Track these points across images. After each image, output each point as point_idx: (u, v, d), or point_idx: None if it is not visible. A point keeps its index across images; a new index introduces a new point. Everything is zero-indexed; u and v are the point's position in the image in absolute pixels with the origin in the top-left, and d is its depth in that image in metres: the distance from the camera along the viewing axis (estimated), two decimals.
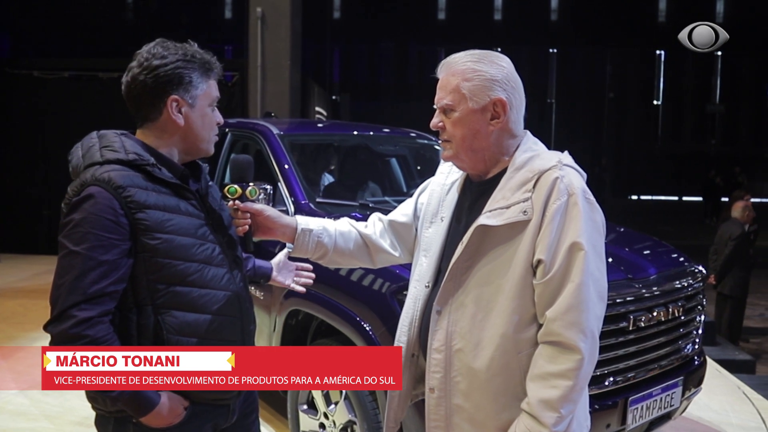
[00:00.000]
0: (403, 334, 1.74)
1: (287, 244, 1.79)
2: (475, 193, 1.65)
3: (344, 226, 1.85)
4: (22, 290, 6.76)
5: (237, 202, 1.66)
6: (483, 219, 1.53)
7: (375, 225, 1.87)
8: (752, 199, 7.56)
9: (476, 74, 1.56)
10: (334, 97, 17.79)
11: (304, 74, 9.23)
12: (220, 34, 19.76)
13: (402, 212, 1.87)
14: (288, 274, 2.04)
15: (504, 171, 1.59)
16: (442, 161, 1.76)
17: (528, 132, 1.65)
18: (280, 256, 2.01)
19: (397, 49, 25.40)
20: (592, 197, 1.53)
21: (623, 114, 26.35)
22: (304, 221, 1.79)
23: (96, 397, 1.60)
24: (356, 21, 23.92)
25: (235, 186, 1.66)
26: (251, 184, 1.69)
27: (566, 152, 1.61)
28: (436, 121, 1.63)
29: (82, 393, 4.37)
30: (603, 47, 25.47)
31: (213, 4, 21.74)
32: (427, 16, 24.82)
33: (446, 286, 1.59)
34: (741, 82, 26.04)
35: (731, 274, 6.58)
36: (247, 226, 1.68)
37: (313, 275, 2.05)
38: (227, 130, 4.03)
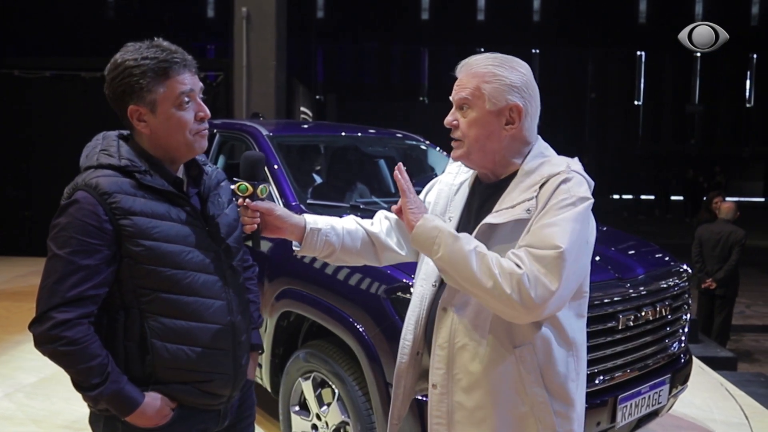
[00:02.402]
0: (409, 332, 1.76)
1: (294, 243, 1.79)
2: (484, 195, 1.67)
3: (351, 224, 1.85)
4: (4, 293, 6.67)
5: (247, 200, 1.63)
6: (489, 218, 1.56)
7: (381, 223, 1.87)
8: (731, 199, 7.65)
9: (496, 78, 1.57)
10: (318, 97, 17.75)
11: (288, 74, 9.20)
12: (203, 33, 19.66)
13: None
14: None
15: (514, 174, 1.61)
16: (450, 161, 1.77)
17: (540, 138, 1.67)
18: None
19: (381, 48, 25.40)
20: (589, 206, 1.53)
21: (604, 114, 26.59)
22: (312, 220, 1.78)
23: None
24: (340, 21, 23.89)
25: (246, 184, 1.62)
26: (262, 182, 1.66)
27: (576, 159, 1.63)
28: (450, 119, 1.63)
29: (69, 396, 4.29)
30: (584, 48, 25.68)
31: (195, 2, 21.58)
32: (410, 16, 24.84)
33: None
34: (720, 83, 26.41)
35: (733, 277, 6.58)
36: (255, 226, 1.66)
37: None
38: (215, 131, 4.02)
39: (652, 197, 21.20)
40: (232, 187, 1.66)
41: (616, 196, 24.83)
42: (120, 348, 1.56)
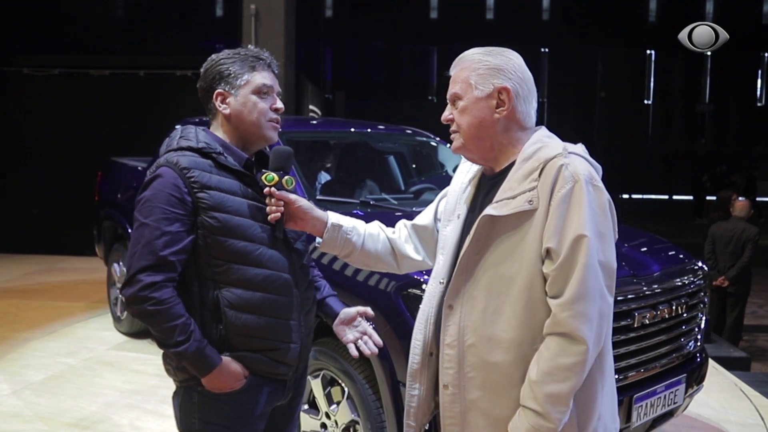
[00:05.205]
0: (419, 332, 1.72)
1: (316, 239, 1.81)
2: (487, 187, 1.65)
3: (374, 228, 1.87)
4: (12, 290, 6.68)
5: (273, 189, 1.71)
6: (489, 209, 1.53)
7: (401, 230, 1.89)
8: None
9: (482, 64, 1.59)
10: (327, 96, 17.74)
11: (297, 72, 9.18)
12: (211, 32, 19.64)
13: (425, 216, 1.88)
14: (351, 330, 1.93)
15: (514, 163, 1.58)
16: (462, 160, 1.76)
17: (543, 127, 1.64)
18: (351, 310, 1.94)
19: (389, 47, 25.37)
20: (599, 183, 1.51)
21: (614, 113, 26.44)
22: (335, 217, 1.81)
23: (169, 368, 1.78)
24: (348, 19, 23.87)
25: (273, 174, 1.71)
26: (288, 174, 1.74)
27: (580, 144, 1.60)
28: (446, 114, 1.65)
29: (76, 394, 4.26)
30: (594, 47, 25.54)
31: (204, 1, 21.61)
32: (419, 15, 24.79)
33: (456, 280, 1.58)
34: (730, 82, 26.21)
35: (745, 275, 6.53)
36: (279, 214, 1.71)
37: (376, 350, 1.90)
38: None
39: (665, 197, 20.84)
40: (260, 176, 1.74)
41: (625, 196, 24.71)
42: (197, 316, 1.69)
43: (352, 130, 4.42)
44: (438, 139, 4.43)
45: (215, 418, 1.74)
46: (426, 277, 2.30)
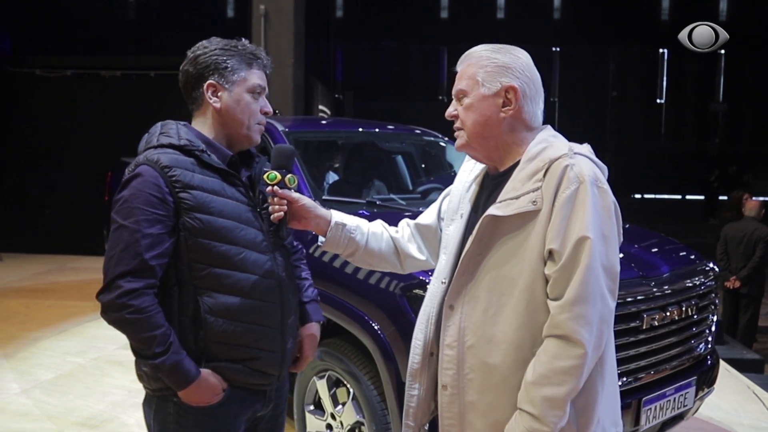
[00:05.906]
0: (420, 332, 1.70)
1: (319, 237, 1.79)
2: (490, 187, 1.63)
3: (377, 227, 1.85)
4: (24, 290, 6.73)
5: (275, 188, 1.68)
6: (492, 209, 1.51)
7: (404, 230, 1.88)
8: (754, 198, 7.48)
9: (490, 61, 1.56)
10: (337, 96, 17.75)
11: (306, 73, 9.18)
12: (222, 33, 19.67)
13: (428, 215, 1.86)
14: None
15: (519, 163, 1.56)
16: (466, 159, 1.74)
17: (548, 126, 1.62)
18: (305, 332, 1.89)
19: (400, 48, 25.36)
20: (604, 184, 1.49)
21: (626, 112, 26.27)
22: (338, 216, 1.79)
23: (142, 375, 1.69)
24: (358, 20, 23.88)
25: (275, 172, 1.68)
26: (291, 173, 1.72)
27: (586, 144, 1.58)
28: (450, 110, 1.63)
29: (85, 393, 4.27)
30: (606, 46, 25.40)
31: (215, 2, 21.69)
32: (429, 14, 24.75)
33: (458, 280, 1.57)
34: (744, 81, 25.95)
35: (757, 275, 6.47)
36: (282, 213, 1.69)
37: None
38: None
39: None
40: (262, 175, 1.71)
41: (637, 196, 24.55)
42: (174, 323, 1.61)
43: (360, 130, 4.40)
44: (447, 139, 4.40)
45: (192, 431, 1.67)
46: (431, 277, 2.28)
